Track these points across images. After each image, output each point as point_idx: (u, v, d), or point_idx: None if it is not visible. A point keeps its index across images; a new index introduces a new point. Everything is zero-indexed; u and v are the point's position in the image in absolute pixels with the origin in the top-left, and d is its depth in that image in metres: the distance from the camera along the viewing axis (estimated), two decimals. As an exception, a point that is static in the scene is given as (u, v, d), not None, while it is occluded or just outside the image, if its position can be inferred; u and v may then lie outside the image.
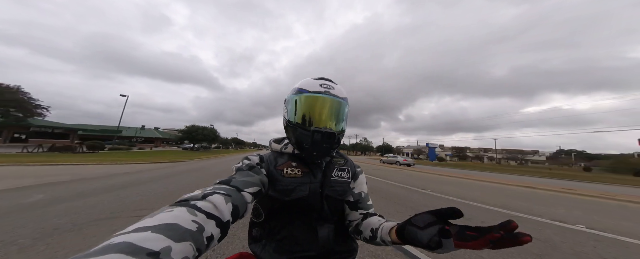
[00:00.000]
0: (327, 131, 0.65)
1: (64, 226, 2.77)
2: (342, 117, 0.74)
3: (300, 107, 0.71)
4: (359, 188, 0.80)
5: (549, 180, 14.55)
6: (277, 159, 0.74)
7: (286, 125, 0.76)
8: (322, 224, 0.70)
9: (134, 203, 3.98)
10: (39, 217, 3.05)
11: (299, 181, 0.70)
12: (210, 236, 0.39)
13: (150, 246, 0.29)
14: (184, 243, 0.33)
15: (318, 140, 0.65)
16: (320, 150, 0.68)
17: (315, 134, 0.65)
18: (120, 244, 0.27)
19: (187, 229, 0.35)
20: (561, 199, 6.66)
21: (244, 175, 0.60)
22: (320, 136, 0.65)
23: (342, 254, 0.73)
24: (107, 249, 0.26)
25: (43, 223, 2.83)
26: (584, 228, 3.66)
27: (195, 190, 0.48)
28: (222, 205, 0.44)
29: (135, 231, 0.31)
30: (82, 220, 2.99)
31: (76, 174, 7.24)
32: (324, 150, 0.68)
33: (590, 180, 16.30)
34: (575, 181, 15.30)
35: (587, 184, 13.09)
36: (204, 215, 0.40)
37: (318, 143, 0.66)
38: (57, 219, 2.99)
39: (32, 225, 2.75)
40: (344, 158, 0.84)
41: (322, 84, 0.71)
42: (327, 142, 0.66)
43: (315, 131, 0.65)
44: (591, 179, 17.60)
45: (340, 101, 0.72)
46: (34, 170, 7.83)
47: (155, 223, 0.33)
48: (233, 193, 0.50)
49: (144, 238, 0.29)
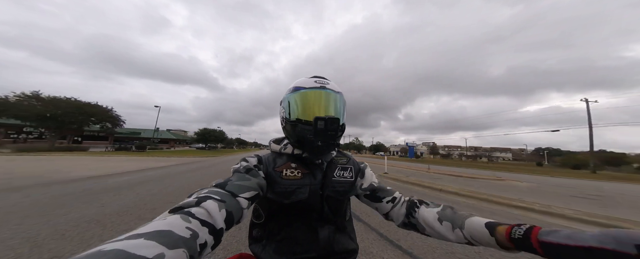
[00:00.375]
0: (330, 117, 0.64)
1: (177, 190, 5.46)
2: (340, 109, 0.73)
3: (298, 104, 0.71)
4: (368, 181, 0.80)
5: (483, 171, 19.13)
6: (276, 160, 0.73)
7: (284, 125, 0.75)
8: (323, 225, 0.70)
9: (205, 180, 7.39)
10: (161, 184, 6.18)
11: (298, 183, 0.69)
12: (203, 243, 0.39)
13: (143, 253, 0.29)
14: (177, 249, 0.33)
15: (322, 128, 0.63)
16: (326, 138, 0.65)
17: (319, 122, 0.63)
18: (112, 251, 0.27)
19: (181, 236, 0.35)
20: (457, 179, 10.83)
21: (241, 178, 0.59)
22: (324, 123, 0.63)
23: (343, 255, 0.73)
24: (98, 256, 0.26)
25: (163, 188, 5.57)
26: (439, 188, 7.79)
27: (193, 194, 0.48)
28: (216, 212, 0.44)
29: (128, 239, 0.30)
30: (180, 187, 6.06)
31: (153, 164, 11.20)
32: (329, 138, 0.65)
33: (517, 171, 21.45)
34: (503, 171, 20.14)
35: (505, 173, 17.84)
36: (198, 222, 0.40)
37: (322, 131, 0.63)
38: (171, 186, 5.90)
39: (158, 188, 5.71)
40: (346, 157, 0.83)
41: (316, 81, 0.72)
42: (331, 129, 0.64)
43: (318, 118, 0.63)
44: (518, 170, 23.20)
45: (337, 94, 0.73)
46: (132, 163, 11.81)
47: (148, 230, 0.33)
48: (228, 199, 0.49)
49: (136, 245, 0.29)
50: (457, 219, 0.58)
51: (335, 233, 0.73)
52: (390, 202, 0.74)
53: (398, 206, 0.73)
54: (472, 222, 0.54)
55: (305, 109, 0.70)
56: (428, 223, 0.63)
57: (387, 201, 0.75)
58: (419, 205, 0.68)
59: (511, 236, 0.45)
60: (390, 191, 0.77)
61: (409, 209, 0.70)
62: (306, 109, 0.70)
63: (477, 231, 0.52)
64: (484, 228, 0.51)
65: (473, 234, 0.53)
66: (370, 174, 0.83)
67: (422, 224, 0.64)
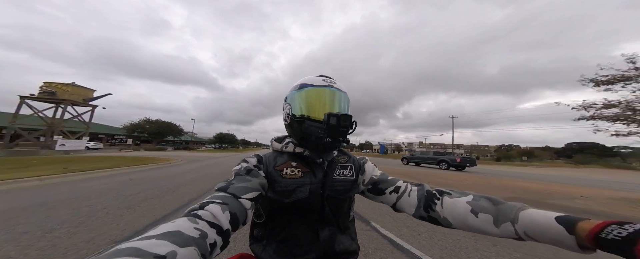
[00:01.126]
0: (344, 114, 0.63)
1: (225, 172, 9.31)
2: (348, 108, 0.73)
3: (306, 101, 0.70)
4: (369, 175, 0.78)
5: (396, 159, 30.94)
6: (277, 158, 0.73)
7: (290, 122, 0.73)
8: (324, 225, 0.69)
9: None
10: (218, 168, 11.04)
11: (298, 182, 0.68)
12: (213, 242, 0.40)
13: (156, 251, 0.31)
14: (188, 248, 0.34)
15: (334, 124, 0.62)
16: (337, 135, 0.64)
17: (331, 118, 0.62)
18: (128, 248, 0.30)
19: (191, 236, 0.37)
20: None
21: (242, 180, 0.59)
22: (336, 119, 0.62)
23: (344, 256, 0.72)
24: (115, 254, 0.29)
25: (220, 173, 9.25)
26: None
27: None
28: (220, 214, 0.45)
29: (140, 239, 0.32)
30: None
31: (202, 156, 22.26)
32: (340, 135, 0.64)
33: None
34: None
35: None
36: (206, 223, 0.42)
37: (334, 127, 0.62)
38: (226, 172, 9.39)
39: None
40: (347, 155, 0.82)
41: (324, 79, 0.72)
42: (343, 126, 0.63)
43: (331, 114, 0.62)
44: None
45: (343, 93, 0.73)
46: (196, 154, 24.29)
47: (159, 232, 0.35)
48: (230, 201, 0.50)
49: (149, 244, 0.31)
50: (504, 212, 0.50)
51: (336, 233, 0.72)
52: (394, 192, 0.71)
53: (405, 196, 0.68)
54: (532, 216, 0.45)
55: (313, 106, 0.69)
56: (458, 216, 0.56)
57: (390, 191, 0.71)
58: (439, 196, 0.63)
59: (600, 236, 0.36)
60: (392, 181, 0.74)
61: (427, 201, 0.64)
62: (314, 106, 0.69)
63: (542, 226, 0.43)
64: (556, 223, 0.41)
65: (535, 230, 0.44)
66: (371, 168, 0.80)
67: (447, 219, 0.58)
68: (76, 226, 2.91)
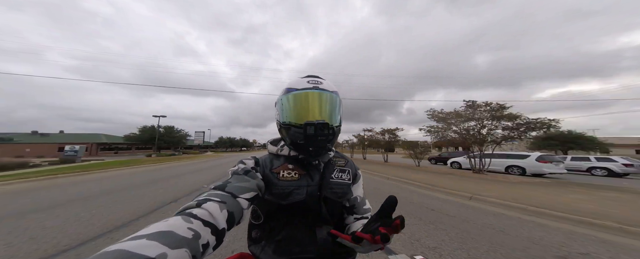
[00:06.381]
0: (320, 122, 0.62)
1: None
2: (334, 110, 0.71)
3: (290, 106, 0.69)
4: (355, 192, 0.78)
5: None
6: (273, 161, 0.73)
7: (279, 127, 0.73)
8: (321, 226, 0.69)
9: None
10: (220, 169, 12.02)
11: (295, 184, 0.68)
12: (206, 243, 0.39)
13: (145, 253, 0.30)
14: (179, 249, 0.33)
15: (311, 134, 0.62)
16: (316, 144, 0.64)
17: (308, 128, 0.62)
18: (115, 251, 0.28)
19: (183, 237, 0.35)
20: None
21: (240, 180, 0.59)
22: (314, 128, 0.62)
23: (341, 255, 0.70)
24: (103, 257, 0.27)
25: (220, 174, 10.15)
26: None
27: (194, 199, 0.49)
28: (217, 213, 0.45)
29: (130, 240, 0.31)
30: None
31: (217, 158, 26.26)
32: (319, 144, 0.65)
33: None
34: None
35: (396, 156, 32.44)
36: (201, 222, 0.41)
37: (312, 137, 0.63)
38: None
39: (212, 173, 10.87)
40: (345, 159, 0.82)
41: (309, 81, 0.70)
42: (321, 135, 0.63)
43: (308, 124, 0.62)
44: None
45: (330, 94, 0.70)
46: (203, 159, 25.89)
47: (150, 232, 0.34)
48: (228, 200, 0.50)
49: (139, 246, 0.30)
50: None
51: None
52: (359, 220, 0.74)
53: (357, 224, 0.72)
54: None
55: (296, 112, 0.68)
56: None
57: (356, 218, 0.76)
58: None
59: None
60: (365, 210, 0.77)
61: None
62: (297, 111, 0.68)
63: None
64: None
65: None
66: (360, 184, 0.82)
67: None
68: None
